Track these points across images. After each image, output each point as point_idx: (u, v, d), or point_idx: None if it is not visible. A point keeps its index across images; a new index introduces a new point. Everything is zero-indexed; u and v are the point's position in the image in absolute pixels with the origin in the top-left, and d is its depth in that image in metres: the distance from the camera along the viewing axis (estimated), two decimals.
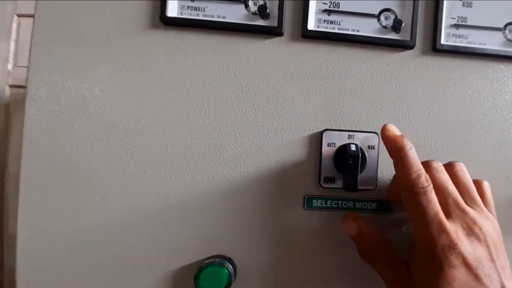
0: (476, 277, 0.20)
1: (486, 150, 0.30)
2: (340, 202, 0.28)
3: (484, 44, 0.30)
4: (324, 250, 0.28)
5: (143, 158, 0.27)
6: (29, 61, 0.27)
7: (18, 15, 0.91)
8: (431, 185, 0.22)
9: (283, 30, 0.28)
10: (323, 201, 0.28)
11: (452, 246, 0.20)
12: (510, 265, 0.23)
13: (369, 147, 0.28)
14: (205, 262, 0.25)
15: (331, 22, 0.28)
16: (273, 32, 0.28)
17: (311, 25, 0.28)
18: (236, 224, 0.27)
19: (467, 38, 0.30)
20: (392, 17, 0.29)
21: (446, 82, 0.30)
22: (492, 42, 0.30)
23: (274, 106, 0.28)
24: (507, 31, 0.31)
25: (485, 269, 0.21)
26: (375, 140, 0.28)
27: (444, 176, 0.23)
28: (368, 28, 0.29)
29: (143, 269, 0.27)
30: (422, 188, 0.22)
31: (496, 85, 0.30)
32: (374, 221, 0.28)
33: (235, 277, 0.26)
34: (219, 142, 0.28)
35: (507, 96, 0.30)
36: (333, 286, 0.28)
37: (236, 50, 0.28)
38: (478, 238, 0.21)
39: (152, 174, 0.27)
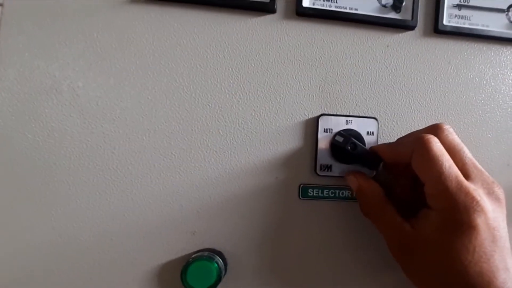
0: (494, 237, 0.20)
1: (487, 136, 0.29)
2: (337, 191, 0.27)
3: (487, 26, 0.29)
4: (320, 242, 0.27)
5: (122, 145, 0.25)
6: None
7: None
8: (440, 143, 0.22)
9: (275, 6, 0.26)
10: (319, 191, 0.27)
11: (475, 203, 0.20)
12: None
13: (367, 133, 0.27)
14: (193, 256, 0.24)
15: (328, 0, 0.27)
16: (265, 8, 0.26)
17: (306, 2, 0.27)
18: (226, 215, 0.26)
19: (469, 20, 0.29)
20: None
21: (448, 65, 0.29)
22: (495, 24, 0.30)
23: (266, 89, 0.27)
24: (510, 13, 0.30)
25: (501, 230, 0.21)
26: (373, 125, 0.27)
27: (457, 138, 0.23)
28: (367, 7, 0.27)
29: (126, 265, 0.25)
30: (432, 140, 0.22)
31: (498, 69, 0.30)
32: None
33: (225, 272, 0.25)
34: (207, 127, 0.26)
35: (510, 81, 0.30)
36: (329, 280, 0.27)
37: (224, 28, 0.26)
38: (497, 198, 0.22)
39: (133, 162, 0.25)
